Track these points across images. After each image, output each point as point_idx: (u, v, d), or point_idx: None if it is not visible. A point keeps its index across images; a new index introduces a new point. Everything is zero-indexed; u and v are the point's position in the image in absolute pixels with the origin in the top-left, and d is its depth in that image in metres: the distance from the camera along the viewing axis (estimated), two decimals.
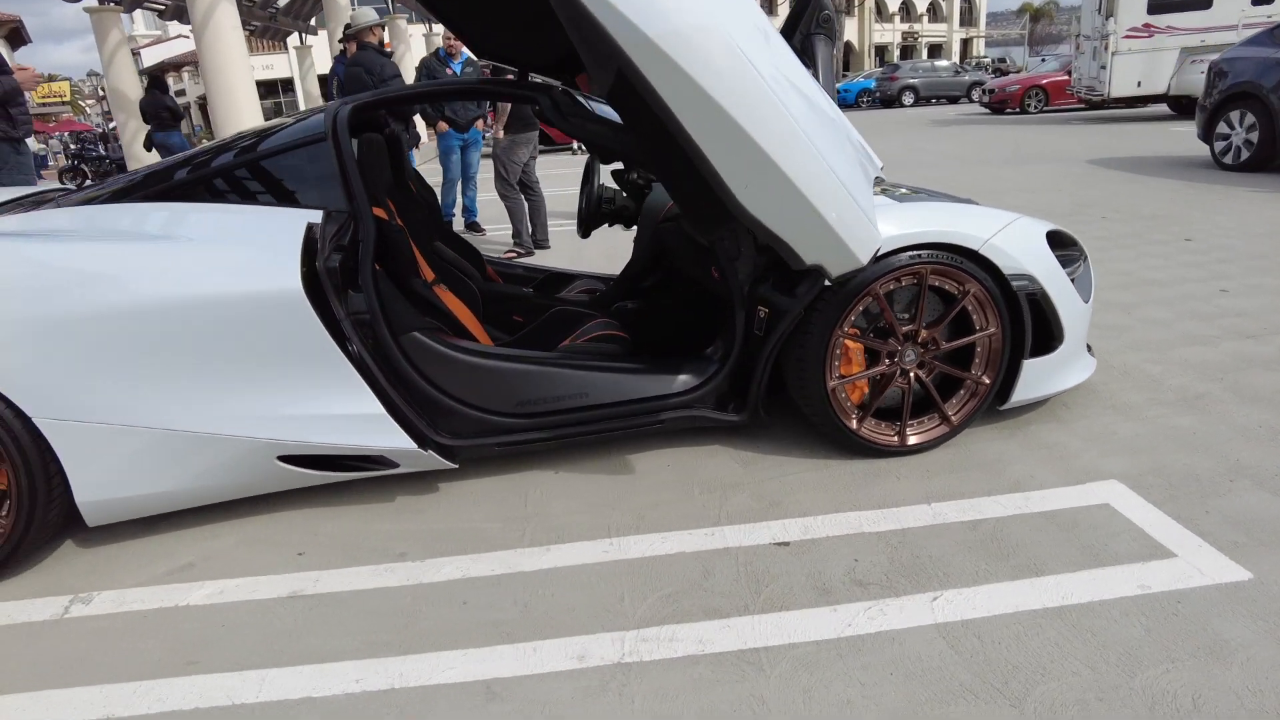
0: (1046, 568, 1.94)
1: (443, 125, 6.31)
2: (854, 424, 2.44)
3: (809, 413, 2.46)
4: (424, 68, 6.20)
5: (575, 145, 15.05)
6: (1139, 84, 13.81)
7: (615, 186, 3.45)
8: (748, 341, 2.46)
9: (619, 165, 3.37)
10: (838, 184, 1.80)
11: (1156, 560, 1.93)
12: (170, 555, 2.23)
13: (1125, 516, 2.12)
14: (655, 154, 1.90)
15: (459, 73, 6.30)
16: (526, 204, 6.05)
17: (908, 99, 25.11)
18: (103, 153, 19.33)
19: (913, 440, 2.50)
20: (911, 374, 2.45)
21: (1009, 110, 17.99)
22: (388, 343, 2.24)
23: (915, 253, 2.29)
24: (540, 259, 5.89)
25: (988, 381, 2.50)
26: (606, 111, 2.64)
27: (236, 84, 8.81)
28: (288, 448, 2.19)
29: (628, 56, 1.59)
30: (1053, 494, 2.26)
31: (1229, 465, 2.34)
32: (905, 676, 1.62)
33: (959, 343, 2.45)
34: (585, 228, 3.34)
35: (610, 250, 5.95)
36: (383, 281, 2.29)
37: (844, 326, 2.33)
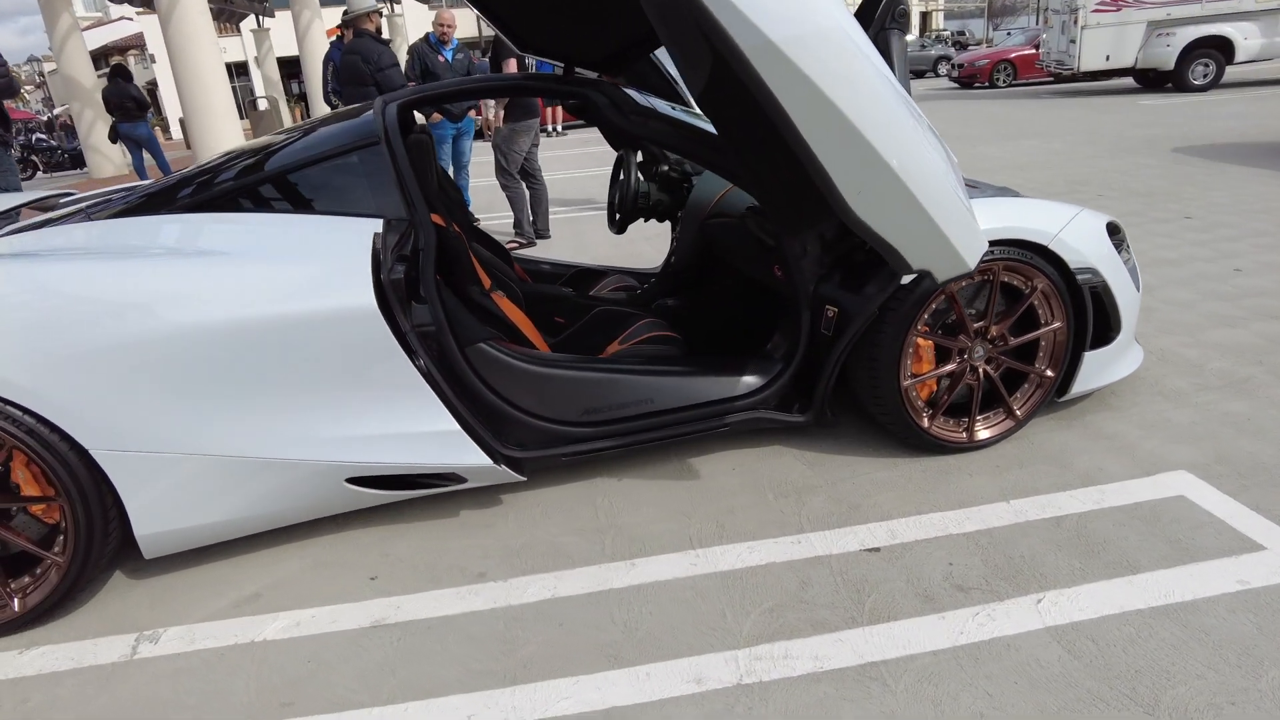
0: (1140, 564, 1.94)
1: (436, 115, 6.13)
2: (925, 422, 2.43)
3: (878, 412, 2.43)
4: (415, 54, 6.00)
5: (550, 127, 14.81)
6: (1107, 58, 13.99)
7: (642, 179, 3.38)
8: (813, 341, 2.42)
9: (632, 159, 3.31)
10: (945, 186, 1.76)
11: (1247, 554, 1.95)
12: (233, 585, 2.13)
13: (1203, 508, 2.14)
14: (748, 155, 1.84)
15: (450, 59, 6.12)
16: (528, 193, 5.92)
17: None
18: (53, 143, 18.53)
19: (981, 436, 2.49)
20: (980, 370, 2.44)
21: (978, 84, 18.15)
22: (455, 355, 2.16)
23: (989, 249, 2.27)
24: (551, 251, 5.79)
25: (1051, 375, 2.50)
26: (655, 104, 2.56)
27: (205, 68, 8.46)
28: (357, 469, 2.10)
29: (746, 60, 1.52)
30: (1125, 487, 2.27)
31: None
32: (1031, 685, 1.61)
33: (1027, 338, 2.44)
34: (621, 223, 3.26)
35: (614, 240, 5.87)
36: (444, 291, 2.20)
37: (918, 325, 2.30)
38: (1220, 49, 13.09)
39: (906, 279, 2.24)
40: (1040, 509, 2.20)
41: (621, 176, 3.50)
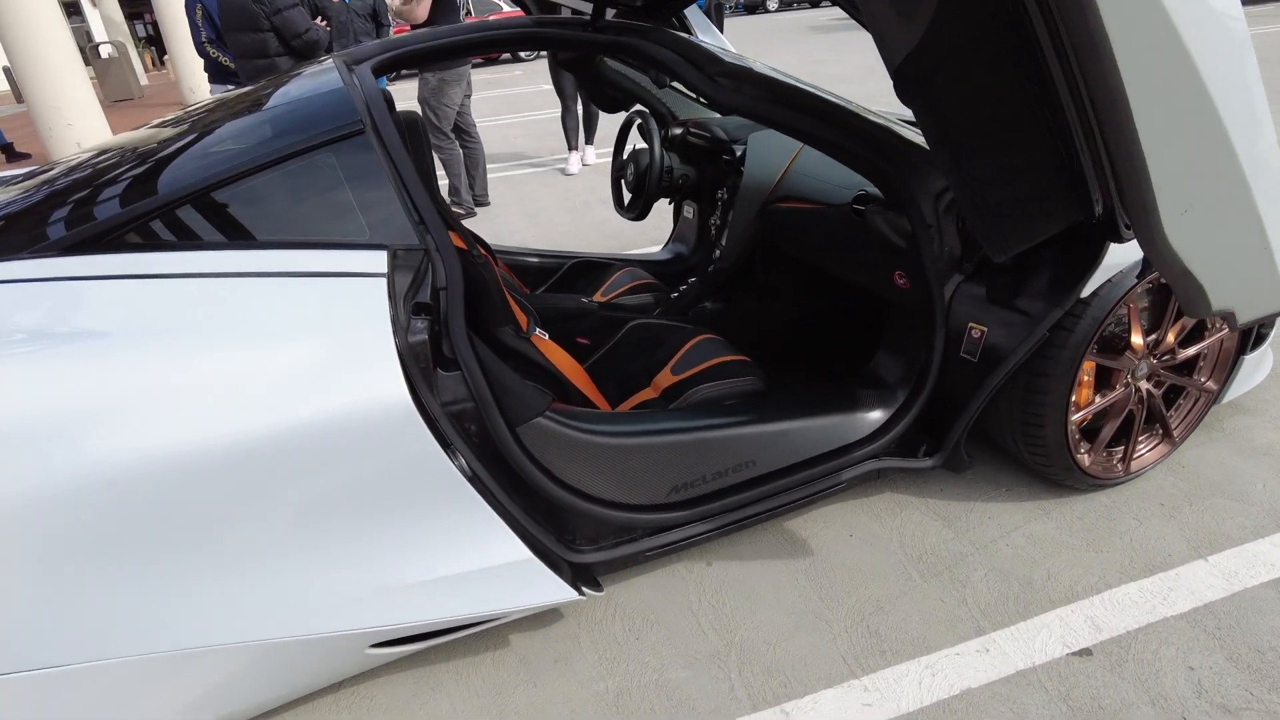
0: None
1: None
2: (1086, 460, 1.95)
3: (1030, 452, 1.94)
4: None
5: None
6: None
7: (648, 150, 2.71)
8: (946, 366, 1.89)
9: (653, 125, 2.63)
10: None
11: None
12: None
13: None
14: (965, 150, 1.24)
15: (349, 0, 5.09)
16: (462, 153, 5.07)
17: (772, 4, 24.55)
18: None
19: (1135, 466, 2.04)
20: (1142, 390, 1.97)
21: None
22: (506, 440, 1.50)
23: None
24: (496, 221, 4.99)
25: (1213, 387, 2.06)
26: (737, 56, 1.87)
27: (34, 5, 6.94)
28: (384, 634, 1.43)
29: (1103, 30, 0.92)
30: None
31: None
32: None
33: (1198, 347, 1.98)
34: (642, 207, 2.60)
35: (571, 205, 5.14)
36: (477, 346, 1.52)
37: (1093, 347, 1.80)
38: None
39: (1087, 292, 1.72)
40: (1250, 567, 1.78)
41: (632, 148, 2.82)
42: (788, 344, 2.52)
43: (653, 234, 4.28)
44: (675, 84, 2.94)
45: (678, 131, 2.79)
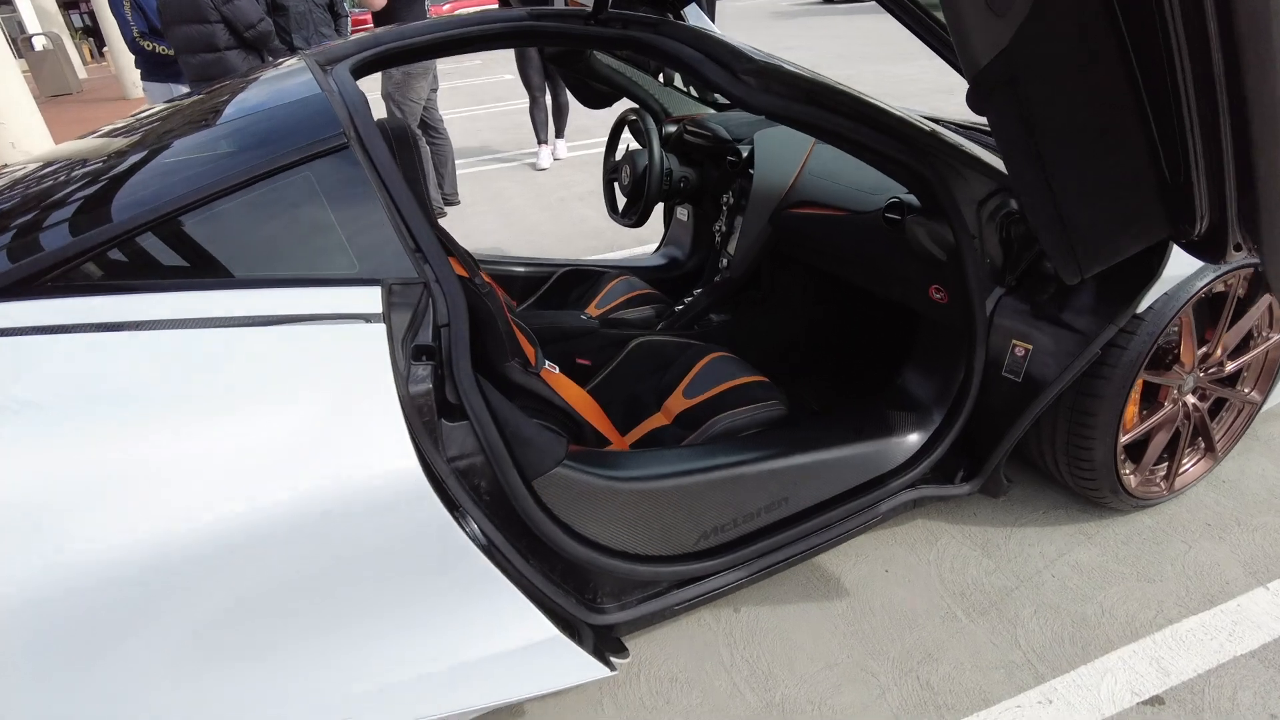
0: None
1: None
2: (1132, 481, 1.83)
3: (1075, 475, 1.81)
4: None
5: None
6: None
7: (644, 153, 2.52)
8: (986, 386, 1.75)
9: (653, 125, 2.45)
10: None
11: None
12: None
13: None
14: (1058, 165, 1.08)
15: None
16: (429, 149, 4.83)
17: None
18: None
19: (1179, 484, 1.93)
20: (1188, 405, 1.85)
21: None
22: (522, 497, 1.32)
23: None
24: (468, 220, 4.76)
25: (1258, 399, 1.96)
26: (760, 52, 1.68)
27: None
28: None
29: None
30: None
31: None
32: None
33: (1245, 359, 1.87)
34: (641, 212, 2.42)
35: (546, 203, 4.92)
36: (486, 388, 1.33)
37: (1145, 364, 1.67)
38: None
39: (1142, 307, 1.59)
40: None
41: (626, 148, 2.63)
42: (802, 356, 2.36)
43: (639, 232, 4.10)
44: (676, 81, 2.76)
45: (672, 129, 2.60)
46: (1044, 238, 1.23)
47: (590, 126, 6.92)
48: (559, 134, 6.14)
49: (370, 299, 1.19)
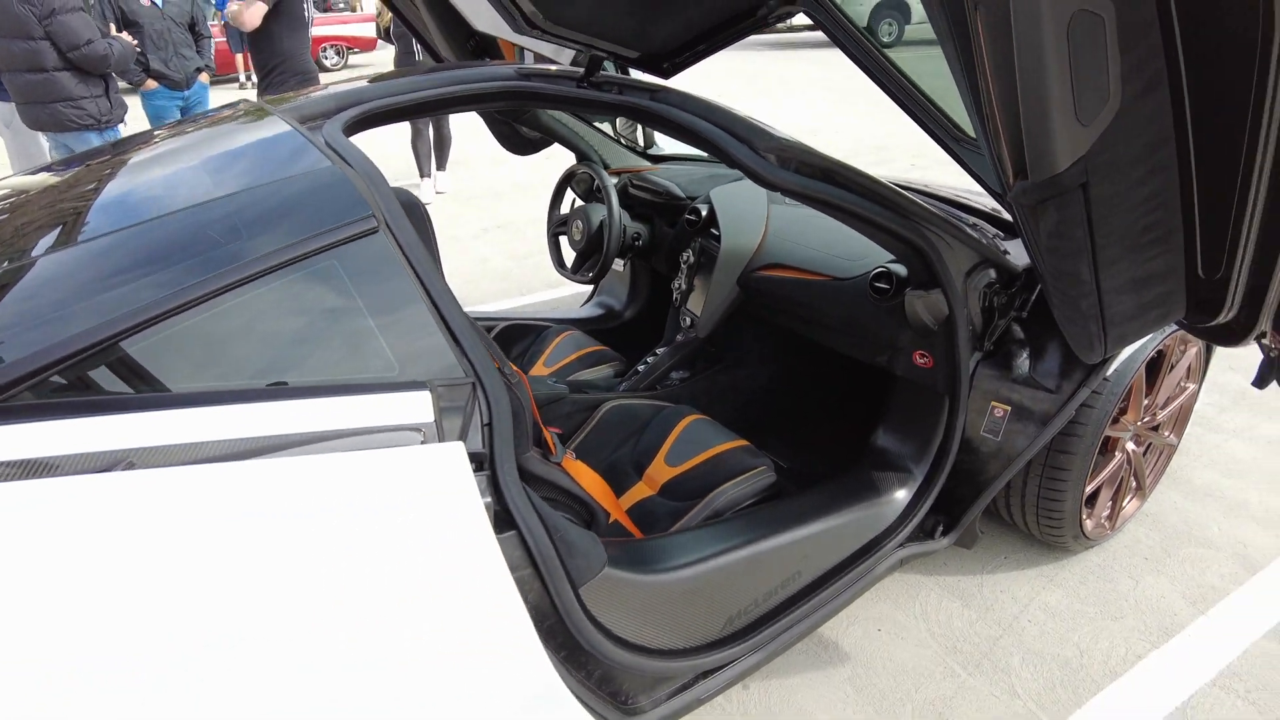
0: None
1: (150, 82, 4.35)
2: (1089, 524, 1.97)
3: (1042, 525, 1.93)
4: None
5: (245, 74, 12.09)
6: None
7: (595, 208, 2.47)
8: (965, 445, 1.83)
9: (610, 181, 2.41)
10: None
11: None
12: None
13: None
14: (1108, 251, 1.14)
15: (160, 4, 4.34)
16: None
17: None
18: None
19: (1119, 523, 2.11)
20: (1129, 451, 2.03)
21: None
22: (573, 609, 1.22)
23: None
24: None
25: (1175, 441, 2.18)
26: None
27: None
28: None
29: None
30: None
31: None
32: None
33: (1173, 408, 2.07)
34: (599, 269, 2.35)
35: (457, 240, 4.70)
36: (531, 494, 1.22)
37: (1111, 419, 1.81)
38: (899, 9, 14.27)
39: (1111, 370, 1.73)
40: (1244, 618, 1.87)
41: (573, 203, 2.56)
42: (763, 412, 2.38)
43: (550, 275, 4.01)
44: (602, 127, 2.72)
45: (613, 181, 2.56)
46: (1073, 325, 1.30)
47: (469, 159, 6.74)
48: (440, 167, 5.92)
49: (421, 404, 1.06)
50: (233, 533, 0.90)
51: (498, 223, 5.16)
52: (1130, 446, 2.02)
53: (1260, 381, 1.35)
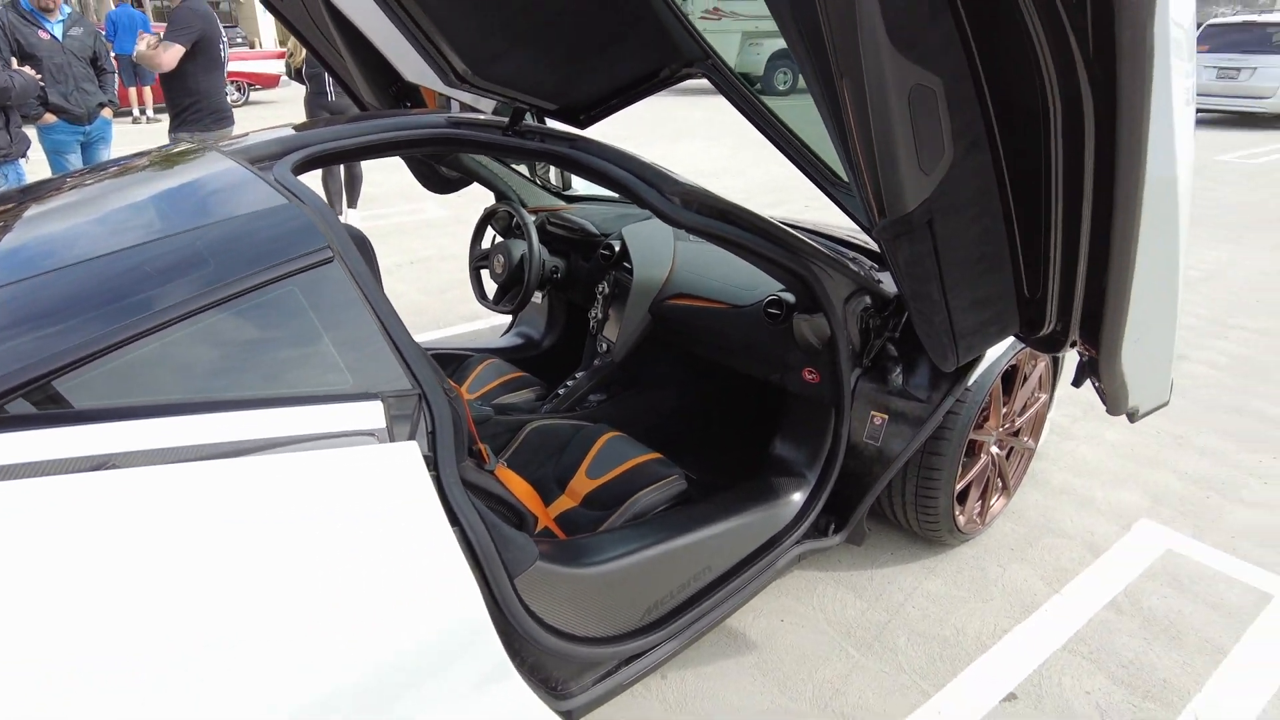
0: (1222, 644, 1.98)
1: (49, 116, 4.26)
2: (962, 519, 2.24)
3: (920, 521, 2.18)
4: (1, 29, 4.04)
5: (139, 109, 11.76)
6: None
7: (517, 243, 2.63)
8: (851, 451, 2.07)
9: (530, 219, 2.59)
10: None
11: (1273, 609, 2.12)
12: None
13: (1195, 560, 2.29)
14: (953, 277, 1.38)
15: (60, 37, 4.28)
16: None
17: None
18: None
19: (988, 519, 2.39)
20: (993, 454, 2.32)
21: None
22: (510, 599, 1.36)
23: None
24: None
25: (1033, 446, 2.49)
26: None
27: None
28: None
29: (1138, 183, 1.09)
30: (1126, 550, 2.34)
31: (1209, 476, 2.69)
32: None
33: (1028, 415, 2.38)
34: (521, 300, 2.50)
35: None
36: (470, 494, 1.36)
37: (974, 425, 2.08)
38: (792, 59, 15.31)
39: (972, 380, 2.00)
40: (1092, 596, 2.16)
41: (493, 239, 2.71)
42: (674, 428, 2.57)
43: (466, 309, 4.14)
44: (519, 169, 2.89)
45: (532, 219, 2.74)
46: (930, 339, 1.55)
47: (379, 196, 6.78)
48: (351, 204, 5.95)
49: (372, 412, 1.19)
50: (211, 520, 1.01)
51: (410, 259, 5.24)
52: (994, 450, 2.31)
53: (1077, 381, 1.64)
